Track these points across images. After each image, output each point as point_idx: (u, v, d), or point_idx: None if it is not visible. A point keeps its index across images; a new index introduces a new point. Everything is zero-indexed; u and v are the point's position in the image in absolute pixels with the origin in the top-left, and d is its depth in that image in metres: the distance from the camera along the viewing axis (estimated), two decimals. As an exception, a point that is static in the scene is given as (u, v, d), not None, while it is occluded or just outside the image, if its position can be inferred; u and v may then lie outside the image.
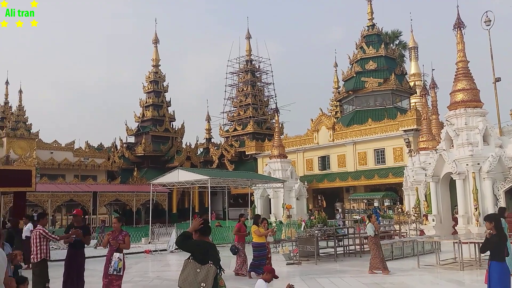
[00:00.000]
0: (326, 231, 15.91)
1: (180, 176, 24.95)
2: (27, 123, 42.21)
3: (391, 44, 50.73)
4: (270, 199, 37.27)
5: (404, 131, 36.79)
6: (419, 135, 30.64)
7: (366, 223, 20.25)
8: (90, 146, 46.59)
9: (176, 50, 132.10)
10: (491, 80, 26.06)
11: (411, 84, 50.84)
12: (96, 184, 38.73)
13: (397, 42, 55.17)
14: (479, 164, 20.45)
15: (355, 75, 46.03)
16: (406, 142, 34.60)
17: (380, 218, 20.42)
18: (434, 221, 22.07)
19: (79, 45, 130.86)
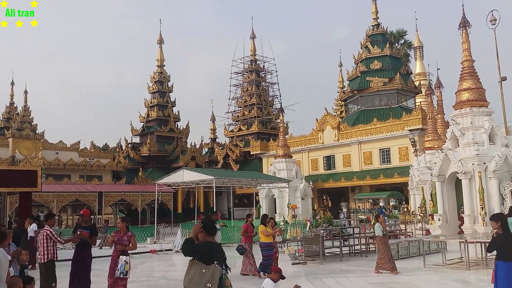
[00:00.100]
0: (332, 231, 15.89)
1: (185, 176, 25.01)
2: (32, 124, 42.38)
3: (396, 44, 50.55)
4: (275, 199, 37.25)
5: (410, 130, 36.68)
6: (425, 135, 30.53)
7: (372, 223, 20.24)
8: (95, 147, 46.77)
9: (181, 50, 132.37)
10: (497, 79, 25.99)
11: (416, 83, 50.72)
12: (101, 184, 38.85)
13: (402, 41, 54.90)
14: (485, 163, 20.35)
15: (360, 75, 45.96)
16: (412, 142, 34.48)
17: (385, 218, 20.33)
18: (440, 220, 21.98)
19: (84, 45, 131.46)
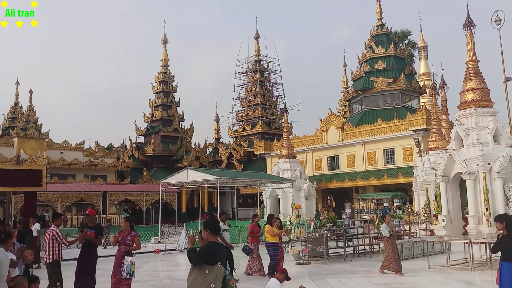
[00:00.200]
0: (336, 231, 15.88)
1: (189, 176, 25.03)
2: (37, 123, 42.59)
3: (400, 44, 50.49)
4: (279, 199, 37.25)
5: (414, 131, 36.59)
6: (429, 135, 30.43)
7: (376, 223, 20.23)
8: (100, 146, 46.93)
9: (185, 51, 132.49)
10: (502, 80, 25.90)
11: (421, 83, 50.57)
12: (106, 184, 38.99)
13: (406, 41, 54.86)
14: (489, 164, 20.26)
15: (364, 75, 45.88)
16: (416, 142, 34.38)
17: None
18: (444, 221, 21.91)
19: (89, 45, 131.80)
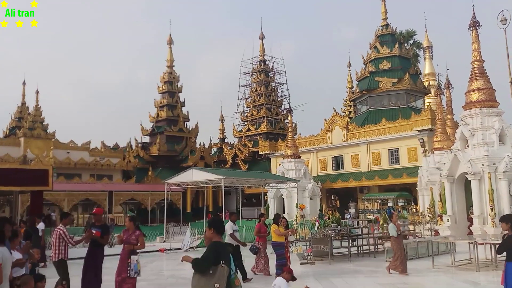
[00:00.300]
0: (340, 231, 15.91)
1: (194, 175, 25.11)
2: (43, 123, 42.73)
3: (405, 44, 50.37)
4: (284, 199, 37.29)
5: (419, 131, 36.53)
6: (434, 135, 30.40)
7: (380, 223, 20.25)
8: (105, 146, 47.13)
9: (190, 51, 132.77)
10: (507, 80, 25.80)
11: (426, 84, 50.47)
12: (111, 183, 39.15)
13: (411, 41, 54.71)
14: (494, 164, 20.23)
15: (369, 75, 45.84)
16: (421, 142, 34.31)
17: (389, 218, 20.28)
18: (449, 221, 21.89)
19: (96, 45, 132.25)
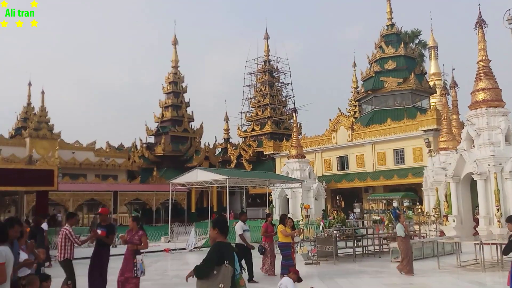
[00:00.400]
0: (345, 231, 15.86)
1: (198, 175, 25.10)
2: (49, 124, 42.89)
3: (410, 44, 50.18)
4: (288, 199, 37.23)
5: (424, 131, 36.41)
6: (439, 135, 30.26)
7: (385, 224, 20.18)
8: (110, 146, 47.27)
9: (195, 51, 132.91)
10: (514, 79, 25.62)
11: (431, 83, 50.30)
12: (116, 183, 39.24)
13: (416, 41, 54.45)
14: (501, 164, 20.11)
15: (374, 75, 45.73)
16: (426, 142, 34.14)
17: (397, 218, 20.23)
18: (454, 221, 21.78)
19: (102, 46, 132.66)
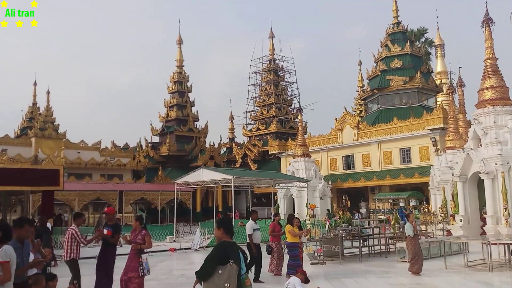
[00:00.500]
0: (351, 231, 15.78)
1: (204, 175, 25.08)
2: (54, 124, 43.00)
3: (416, 42, 50.00)
4: (294, 198, 37.14)
5: (431, 130, 36.21)
6: (446, 134, 30.08)
7: (392, 223, 20.05)
8: (116, 146, 47.31)
9: (200, 51, 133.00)
10: (521, 78, 25.45)
11: (438, 82, 50.01)
12: (122, 183, 39.29)
13: (423, 39, 54.32)
14: (508, 163, 19.96)
15: (380, 74, 45.53)
16: (433, 141, 33.97)
17: (405, 218, 20.12)
18: (461, 221, 21.65)
19: (107, 45, 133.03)
